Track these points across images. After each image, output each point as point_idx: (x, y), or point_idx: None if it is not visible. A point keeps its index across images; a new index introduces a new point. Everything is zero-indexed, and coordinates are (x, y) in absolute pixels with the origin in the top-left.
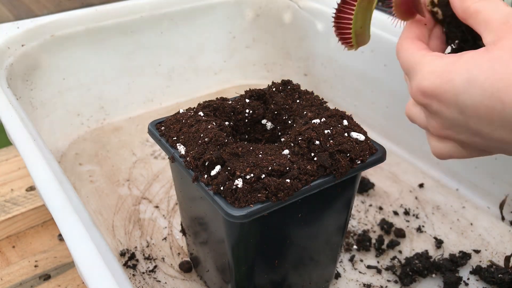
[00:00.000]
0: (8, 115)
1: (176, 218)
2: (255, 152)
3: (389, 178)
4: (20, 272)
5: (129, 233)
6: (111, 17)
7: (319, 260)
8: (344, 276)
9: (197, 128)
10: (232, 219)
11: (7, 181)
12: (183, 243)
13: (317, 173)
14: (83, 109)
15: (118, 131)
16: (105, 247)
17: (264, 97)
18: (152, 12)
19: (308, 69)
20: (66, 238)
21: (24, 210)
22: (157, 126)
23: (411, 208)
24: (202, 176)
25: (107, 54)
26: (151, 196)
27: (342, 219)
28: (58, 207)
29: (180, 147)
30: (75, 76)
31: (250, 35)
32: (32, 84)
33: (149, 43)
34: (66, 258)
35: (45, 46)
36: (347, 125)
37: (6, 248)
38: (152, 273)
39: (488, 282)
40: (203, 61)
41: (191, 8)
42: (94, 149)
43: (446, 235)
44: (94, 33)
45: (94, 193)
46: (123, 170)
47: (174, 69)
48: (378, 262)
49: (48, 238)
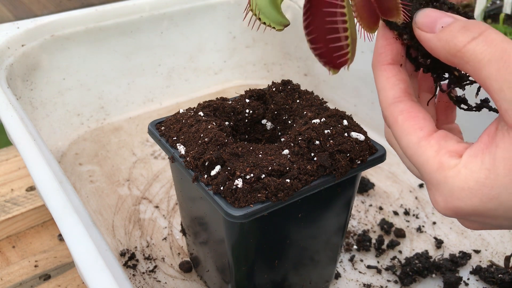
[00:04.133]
0: (8, 115)
1: (176, 218)
2: (255, 152)
3: (389, 178)
4: (20, 272)
5: (129, 233)
6: (111, 17)
7: (319, 260)
8: (344, 276)
9: (197, 128)
10: (232, 219)
11: (7, 181)
12: (183, 243)
13: (317, 173)
14: (83, 109)
15: (118, 131)
16: (105, 247)
17: (264, 97)
18: (152, 12)
19: (308, 69)
20: (66, 238)
21: (24, 210)
22: (157, 126)
23: (411, 208)
24: (202, 176)
25: (107, 54)
26: (151, 196)
27: (342, 219)
28: (58, 207)
29: (180, 147)
30: (75, 76)
31: (250, 35)
32: (32, 84)
33: (149, 43)
34: (66, 258)
35: (45, 46)
36: (347, 125)
37: (6, 248)
38: (152, 273)
39: (488, 282)
40: (203, 61)
41: (191, 8)
42: (94, 149)
43: (446, 235)
44: (94, 33)
45: (94, 193)
46: (123, 170)
47: (174, 69)
48: (378, 262)
49: (48, 238)
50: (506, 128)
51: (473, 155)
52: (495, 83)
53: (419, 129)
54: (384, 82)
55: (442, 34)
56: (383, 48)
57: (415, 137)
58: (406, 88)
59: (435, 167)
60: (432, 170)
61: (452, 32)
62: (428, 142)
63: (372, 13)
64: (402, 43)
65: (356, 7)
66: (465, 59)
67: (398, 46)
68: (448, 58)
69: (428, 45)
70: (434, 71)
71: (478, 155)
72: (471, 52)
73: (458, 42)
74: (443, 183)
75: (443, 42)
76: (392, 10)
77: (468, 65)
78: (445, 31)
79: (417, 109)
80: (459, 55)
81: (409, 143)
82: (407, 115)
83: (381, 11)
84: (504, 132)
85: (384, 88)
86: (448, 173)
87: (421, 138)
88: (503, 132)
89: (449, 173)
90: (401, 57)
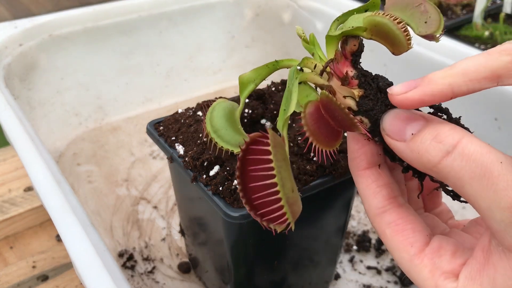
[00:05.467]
0: (6, 115)
1: (174, 218)
2: None
3: None
4: (18, 273)
5: (127, 233)
6: (109, 16)
7: (318, 260)
8: (343, 277)
9: (196, 128)
10: (231, 219)
11: (5, 182)
12: (181, 244)
13: (316, 173)
14: (81, 109)
15: (116, 131)
16: (103, 247)
17: (263, 97)
18: (150, 11)
19: None
20: (64, 239)
21: (22, 211)
22: (155, 126)
23: None
24: (200, 176)
25: (106, 53)
26: (149, 196)
27: (341, 219)
28: (56, 207)
29: (179, 147)
30: (73, 76)
31: (249, 34)
32: (30, 84)
33: (148, 43)
34: (64, 258)
35: (43, 45)
36: None
37: (4, 249)
38: (151, 274)
39: None
40: (202, 61)
41: (190, 8)
42: (92, 149)
43: None
44: (92, 32)
45: (92, 194)
46: (122, 170)
47: (173, 68)
48: (378, 262)
49: (46, 239)
50: (501, 249)
51: (470, 277)
52: (482, 202)
53: (409, 245)
54: (365, 190)
55: (413, 145)
56: (356, 153)
57: (407, 254)
58: (389, 193)
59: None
60: None
61: (423, 145)
62: (421, 261)
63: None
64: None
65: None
66: (443, 174)
67: (372, 146)
68: (424, 170)
69: (400, 154)
70: (415, 172)
71: (476, 277)
72: (448, 169)
73: (431, 158)
74: None
75: (415, 154)
76: (351, 127)
77: (447, 180)
78: (416, 142)
79: (405, 220)
80: (435, 170)
81: (402, 260)
82: (395, 228)
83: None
84: (501, 253)
85: (366, 197)
86: None
87: (413, 255)
88: (499, 253)
89: None
90: (378, 157)
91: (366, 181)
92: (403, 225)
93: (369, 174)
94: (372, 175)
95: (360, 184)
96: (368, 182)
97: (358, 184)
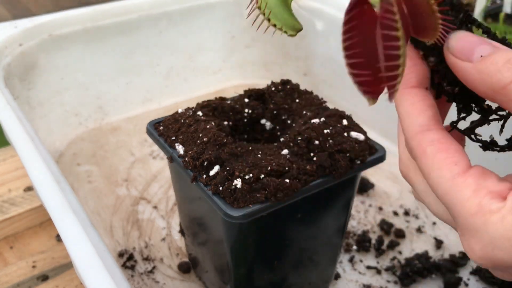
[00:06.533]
0: (5, 115)
1: (174, 218)
2: (254, 152)
3: (389, 178)
4: (17, 273)
5: (127, 233)
6: (109, 16)
7: (318, 260)
8: (343, 277)
9: (196, 128)
10: (231, 219)
11: (5, 182)
12: (181, 244)
13: (316, 173)
14: (81, 109)
15: (116, 131)
16: (103, 247)
17: (263, 97)
18: (150, 11)
19: (308, 69)
20: (64, 239)
21: (22, 211)
22: (155, 126)
23: (411, 209)
24: (200, 176)
25: (105, 53)
26: (149, 196)
27: (341, 219)
28: (56, 207)
29: (179, 147)
30: (73, 76)
31: (249, 34)
32: (30, 84)
33: (148, 43)
34: (64, 258)
35: (43, 45)
36: (347, 125)
37: (4, 249)
38: (151, 274)
39: (489, 283)
40: (202, 61)
41: (190, 7)
42: (92, 149)
43: (446, 236)
44: (92, 32)
45: (92, 194)
46: (121, 170)
47: (173, 68)
48: (378, 262)
49: (46, 239)
50: None
51: None
52: None
53: (453, 163)
54: (409, 108)
55: (483, 66)
56: (408, 69)
57: (449, 172)
58: (434, 115)
59: (473, 210)
60: (469, 214)
61: (496, 65)
62: (464, 180)
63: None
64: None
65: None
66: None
67: (424, 67)
68: (487, 93)
69: (463, 75)
70: (460, 101)
71: None
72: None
73: (503, 78)
74: (483, 230)
75: (484, 76)
76: (428, 30)
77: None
78: (486, 63)
79: (449, 140)
80: (503, 92)
81: (441, 179)
82: (439, 146)
83: (415, 28)
84: None
85: (410, 114)
86: (490, 218)
87: (456, 174)
88: None
89: (490, 218)
90: (427, 80)
91: (413, 98)
92: (447, 145)
93: (416, 92)
94: (420, 94)
95: (405, 101)
96: (415, 99)
97: (403, 102)
